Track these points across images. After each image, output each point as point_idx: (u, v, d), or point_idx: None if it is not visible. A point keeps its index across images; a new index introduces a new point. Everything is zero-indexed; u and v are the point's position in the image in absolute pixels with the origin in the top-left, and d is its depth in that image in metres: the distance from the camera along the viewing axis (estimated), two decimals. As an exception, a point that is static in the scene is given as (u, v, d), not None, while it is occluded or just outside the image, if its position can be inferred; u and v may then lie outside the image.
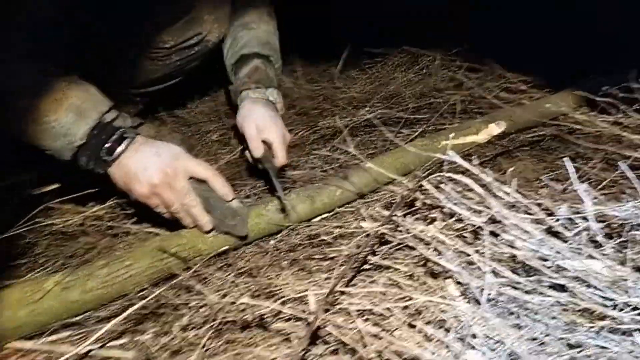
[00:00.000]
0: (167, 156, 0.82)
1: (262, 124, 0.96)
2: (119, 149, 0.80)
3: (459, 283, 0.66)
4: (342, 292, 0.68)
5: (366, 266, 0.75)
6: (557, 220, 0.67)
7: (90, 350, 0.66)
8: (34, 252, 0.87)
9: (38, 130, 0.79)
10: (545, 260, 0.61)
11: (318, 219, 0.90)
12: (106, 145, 0.80)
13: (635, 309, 0.54)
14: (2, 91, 0.78)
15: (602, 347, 0.53)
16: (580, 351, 0.53)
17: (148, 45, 0.99)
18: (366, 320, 0.62)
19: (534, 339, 0.55)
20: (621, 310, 0.54)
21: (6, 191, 0.92)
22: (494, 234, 0.68)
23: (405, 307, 0.63)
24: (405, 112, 1.27)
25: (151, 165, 0.80)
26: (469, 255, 0.66)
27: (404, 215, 0.78)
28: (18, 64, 0.79)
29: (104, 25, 0.86)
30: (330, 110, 1.32)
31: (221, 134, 1.23)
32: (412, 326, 0.60)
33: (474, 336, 0.56)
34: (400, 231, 0.76)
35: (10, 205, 0.91)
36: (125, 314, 0.68)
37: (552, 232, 0.67)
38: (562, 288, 0.59)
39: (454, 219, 0.74)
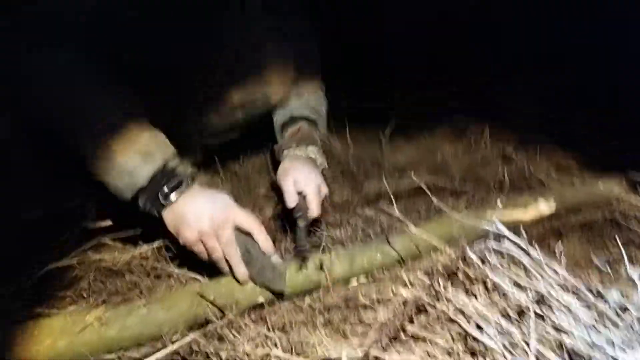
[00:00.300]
0: (220, 205, 0.85)
1: (298, 177, 0.99)
2: (176, 195, 0.84)
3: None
4: (376, 359, 0.66)
5: (402, 335, 0.72)
6: (608, 305, 0.64)
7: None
8: (80, 285, 0.89)
9: (106, 167, 0.83)
10: (594, 347, 0.58)
11: (356, 280, 0.89)
12: (165, 190, 0.84)
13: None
14: (78, 127, 0.84)
15: None
16: None
17: (216, 100, 1.05)
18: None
19: None
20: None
21: (64, 222, 0.97)
22: (540, 314, 0.65)
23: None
24: (451, 183, 1.27)
25: (203, 212, 0.83)
26: (512, 335, 0.63)
27: (445, 285, 0.76)
28: (94, 103, 0.85)
29: (176, 77, 0.92)
30: (376, 174, 1.33)
31: (267, 189, 1.26)
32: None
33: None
34: (440, 301, 0.74)
35: (66, 235, 0.95)
36: (157, 356, 0.68)
37: (601, 317, 0.63)
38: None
39: (497, 293, 0.72)
